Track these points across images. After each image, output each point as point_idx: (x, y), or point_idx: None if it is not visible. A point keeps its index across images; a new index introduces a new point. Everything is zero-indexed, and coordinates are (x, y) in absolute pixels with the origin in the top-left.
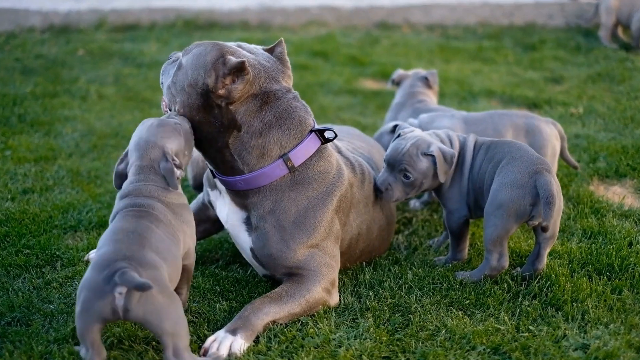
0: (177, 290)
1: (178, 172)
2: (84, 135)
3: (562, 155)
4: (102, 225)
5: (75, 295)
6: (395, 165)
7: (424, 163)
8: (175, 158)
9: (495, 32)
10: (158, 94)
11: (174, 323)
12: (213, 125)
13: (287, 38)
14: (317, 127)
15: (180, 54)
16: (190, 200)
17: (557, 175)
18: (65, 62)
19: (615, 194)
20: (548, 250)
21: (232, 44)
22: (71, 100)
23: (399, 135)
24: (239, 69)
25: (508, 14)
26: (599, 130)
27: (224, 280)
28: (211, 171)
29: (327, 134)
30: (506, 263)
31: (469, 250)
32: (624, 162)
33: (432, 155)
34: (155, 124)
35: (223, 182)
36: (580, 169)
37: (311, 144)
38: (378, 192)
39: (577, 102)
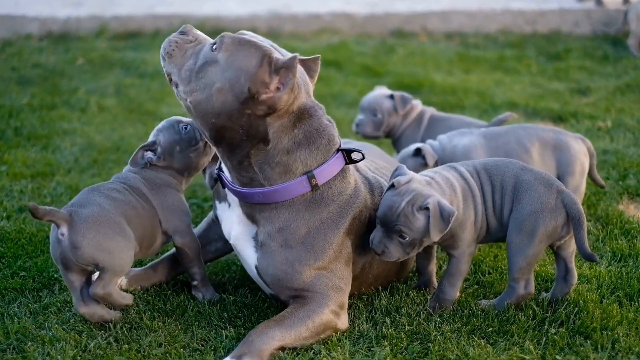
0: (189, 273)
1: (148, 155)
2: (83, 150)
3: (589, 173)
4: None
5: (74, 320)
6: (389, 225)
7: (420, 221)
8: (155, 146)
9: (518, 41)
10: (162, 105)
11: (111, 257)
12: (236, 132)
13: (297, 46)
14: (344, 147)
15: (199, 33)
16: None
17: (585, 194)
18: (64, 72)
19: None
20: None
21: (267, 42)
22: (70, 112)
23: (392, 186)
24: (288, 67)
25: (531, 21)
26: (629, 145)
27: (232, 305)
28: (221, 181)
29: (355, 156)
30: (533, 289)
31: (491, 273)
32: None
33: (428, 209)
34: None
35: (237, 194)
36: (609, 187)
37: (336, 164)
38: (375, 253)
39: (604, 115)
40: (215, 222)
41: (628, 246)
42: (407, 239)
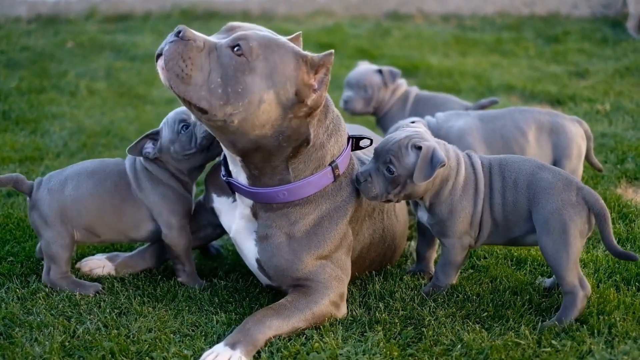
0: (174, 269)
1: (147, 148)
2: (72, 134)
3: (586, 156)
4: None
5: (62, 305)
6: (381, 155)
7: (410, 157)
8: (158, 137)
9: (515, 23)
10: (152, 89)
11: (45, 245)
12: (274, 139)
13: (291, 29)
14: (353, 134)
15: (199, 34)
16: None
17: (582, 177)
18: (53, 55)
19: None
20: None
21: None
22: (59, 96)
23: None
24: (325, 64)
25: (529, 3)
26: (627, 129)
27: (223, 290)
28: (231, 187)
29: (363, 143)
30: (589, 285)
31: (486, 257)
32: None
33: (420, 149)
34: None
35: (253, 196)
36: (607, 171)
37: (349, 152)
38: (357, 182)
39: (603, 99)
40: (205, 209)
41: (626, 230)
42: (394, 173)
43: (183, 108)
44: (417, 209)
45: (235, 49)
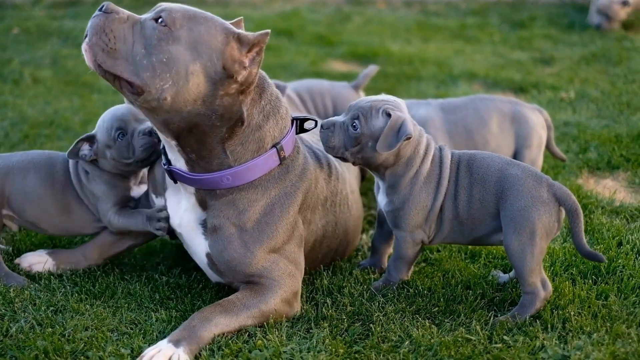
0: None
1: (84, 150)
2: (14, 124)
3: (547, 146)
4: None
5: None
6: (351, 110)
7: (378, 122)
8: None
9: (481, 8)
10: (100, 77)
11: None
12: (208, 118)
13: (248, 15)
14: (297, 115)
15: (125, 10)
16: None
17: (543, 167)
18: None
19: (606, 187)
20: None
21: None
22: (2, 84)
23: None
24: (259, 43)
25: None
26: (591, 117)
27: (164, 286)
28: (171, 175)
29: (307, 125)
30: (550, 286)
31: (439, 251)
32: (617, 153)
33: (390, 116)
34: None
35: (195, 182)
36: (569, 160)
37: (294, 134)
38: (320, 128)
39: (568, 86)
40: (149, 206)
41: (585, 222)
42: (357, 130)
43: (118, 112)
44: (378, 191)
45: (159, 20)
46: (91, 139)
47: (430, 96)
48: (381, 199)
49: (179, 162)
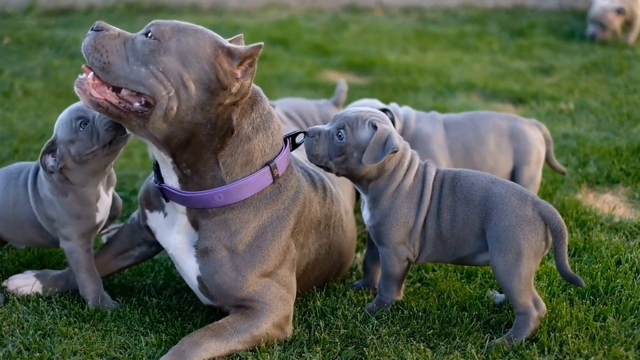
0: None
1: (49, 162)
2: (4, 139)
3: (547, 160)
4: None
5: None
6: (337, 119)
7: (364, 133)
8: (55, 146)
9: (479, 15)
10: None
11: None
12: (205, 127)
13: (243, 23)
14: (288, 132)
15: (115, 28)
16: None
17: (542, 182)
18: None
19: (606, 202)
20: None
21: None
22: None
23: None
24: (252, 55)
25: None
26: (591, 129)
27: (154, 309)
28: (164, 194)
29: (299, 139)
30: (544, 305)
31: (435, 270)
32: (617, 167)
33: (376, 128)
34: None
35: (186, 201)
36: (568, 175)
37: (288, 152)
38: (304, 135)
39: (567, 97)
40: (139, 227)
41: (583, 239)
42: (342, 140)
43: (74, 106)
44: (363, 206)
45: (148, 35)
46: (52, 146)
47: (428, 108)
48: (365, 214)
49: (171, 180)
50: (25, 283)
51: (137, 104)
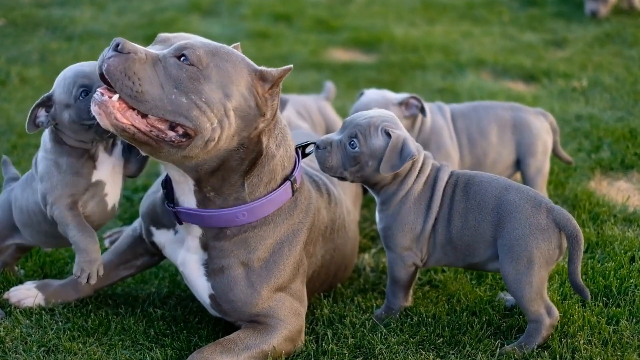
0: None
1: (41, 117)
2: (1, 133)
3: (554, 150)
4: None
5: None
6: (348, 127)
7: (378, 141)
8: (51, 102)
9: None
10: None
11: None
12: (237, 152)
13: None
14: (298, 143)
15: (138, 47)
16: None
17: (552, 170)
18: None
19: (620, 190)
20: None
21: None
22: None
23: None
24: (281, 78)
25: None
26: (605, 109)
27: (159, 320)
28: (178, 218)
29: (309, 149)
30: (557, 312)
31: (444, 271)
32: (632, 151)
33: (390, 136)
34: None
35: (206, 220)
36: (581, 161)
37: (301, 164)
38: (315, 148)
39: (580, 73)
40: (142, 238)
41: (596, 234)
42: (356, 149)
43: (83, 68)
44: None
45: (182, 59)
46: (48, 102)
47: (437, 88)
48: (376, 216)
49: (187, 201)
50: (27, 295)
51: (172, 134)
